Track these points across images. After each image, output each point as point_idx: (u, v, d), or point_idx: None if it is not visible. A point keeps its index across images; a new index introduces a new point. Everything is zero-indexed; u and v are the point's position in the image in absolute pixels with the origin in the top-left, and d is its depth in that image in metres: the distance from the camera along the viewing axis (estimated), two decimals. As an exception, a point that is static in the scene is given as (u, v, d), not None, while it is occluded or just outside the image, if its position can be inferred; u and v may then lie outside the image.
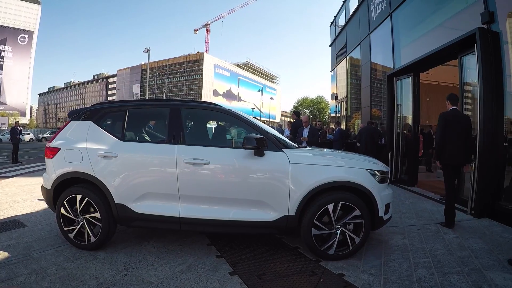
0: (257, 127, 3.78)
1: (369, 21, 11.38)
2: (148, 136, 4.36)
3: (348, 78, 16.05)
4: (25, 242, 3.99)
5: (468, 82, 6.02)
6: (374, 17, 10.82)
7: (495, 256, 3.67)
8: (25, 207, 5.75)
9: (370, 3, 11.09)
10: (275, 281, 3.05)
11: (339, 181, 3.52)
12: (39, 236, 4.23)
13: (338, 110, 18.38)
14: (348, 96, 16.36)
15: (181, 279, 3.11)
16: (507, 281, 3.05)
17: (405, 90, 8.78)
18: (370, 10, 11.17)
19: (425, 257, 3.64)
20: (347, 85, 16.27)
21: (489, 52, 5.07)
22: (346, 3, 15.15)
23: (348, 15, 14.77)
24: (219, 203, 3.56)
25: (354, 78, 15.29)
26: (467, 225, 4.89)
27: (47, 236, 4.23)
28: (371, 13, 11.03)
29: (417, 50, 8.08)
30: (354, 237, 3.55)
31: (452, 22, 6.85)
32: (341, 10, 16.21)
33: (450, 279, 3.10)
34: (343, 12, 15.79)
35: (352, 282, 3.04)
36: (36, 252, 3.68)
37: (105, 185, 3.64)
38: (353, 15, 13.65)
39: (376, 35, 10.94)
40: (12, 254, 3.63)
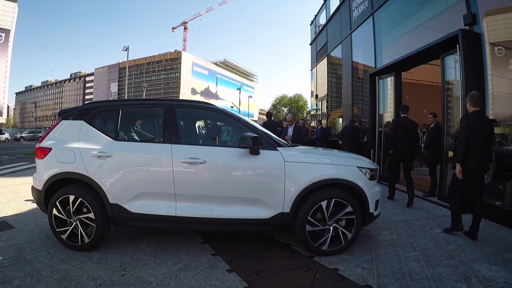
0: (251, 126, 3.81)
1: (350, 20, 11.56)
2: (142, 136, 4.31)
3: (329, 76, 16.25)
4: (15, 244, 3.89)
5: (450, 81, 6.21)
6: (355, 16, 11.01)
7: (480, 249, 3.82)
8: (11, 208, 5.59)
9: (352, 2, 11.28)
10: (272, 277, 3.08)
11: (332, 179, 3.58)
12: (29, 237, 4.12)
13: (319, 108, 18.61)
14: (328, 95, 16.58)
15: (179, 277, 3.09)
16: (493, 272, 3.18)
17: (386, 89, 8.98)
18: (351, 10, 11.36)
19: (413, 251, 3.74)
20: (328, 84, 16.48)
21: (471, 53, 5.26)
22: (326, 3, 15.34)
23: (329, 14, 14.95)
24: (215, 202, 3.56)
25: (335, 77, 15.51)
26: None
27: (37, 237, 4.13)
28: (353, 12, 11.22)
29: (398, 49, 8.29)
30: (346, 233, 3.61)
31: (433, 22, 7.07)
32: (321, 9, 16.39)
33: (439, 271, 3.20)
34: (324, 11, 15.94)
35: (347, 276, 3.10)
36: (28, 254, 3.58)
37: (99, 185, 3.59)
38: (334, 14, 13.83)
39: (358, 35, 11.13)
40: (4, 256, 3.52)
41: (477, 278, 3.07)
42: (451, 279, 3.05)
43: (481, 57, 5.27)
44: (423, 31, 7.46)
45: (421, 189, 7.33)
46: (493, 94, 5.30)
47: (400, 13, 8.51)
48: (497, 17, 5.36)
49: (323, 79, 17.63)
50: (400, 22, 8.58)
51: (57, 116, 4.14)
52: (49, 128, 4.20)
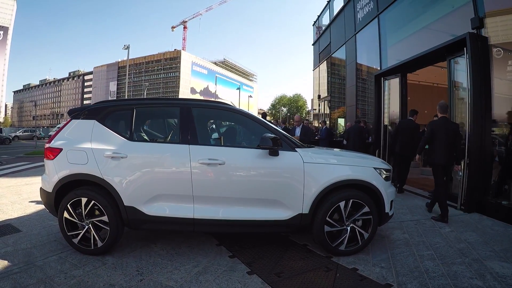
0: (269, 127, 3.82)
1: (355, 21, 11.66)
2: (156, 136, 4.28)
3: (332, 77, 16.35)
4: (23, 248, 3.78)
5: (457, 83, 6.33)
6: (360, 17, 11.10)
7: (491, 247, 3.94)
8: (15, 210, 5.49)
9: (357, 4, 11.37)
10: (294, 278, 3.14)
11: (350, 179, 3.64)
12: (37, 241, 4.02)
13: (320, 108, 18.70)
14: (331, 95, 16.68)
15: (200, 281, 3.09)
16: (505, 269, 3.31)
17: (392, 90, 9.10)
18: (356, 11, 11.45)
19: (427, 250, 3.85)
20: (331, 84, 16.57)
21: (478, 56, 5.37)
22: (330, 3, 15.42)
23: (332, 15, 15.04)
24: (234, 203, 3.56)
25: (338, 77, 15.61)
26: (459, 219, 5.18)
27: (45, 241, 4.03)
28: (357, 13, 11.32)
29: (403, 50, 8.42)
30: (363, 233, 3.70)
31: (438, 24, 7.18)
32: (325, 9, 16.47)
33: (454, 269, 3.32)
34: (327, 11, 16.03)
35: (367, 275, 3.20)
36: (39, 260, 3.48)
37: (114, 187, 3.51)
38: (338, 15, 13.92)
39: (363, 36, 11.23)
40: (13, 262, 3.41)
41: (491, 275, 3.19)
42: (467, 276, 3.17)
43: (488, 60, 5.38)
44: (429, 33, 7.58)
45: (426, 189, 7.45)
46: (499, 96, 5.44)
47: (405, 15, 8.62)
48: (497, 19, 5.52)
49: (325, 80, 17.73)
50: (405, 23, 8.69)
51: (66, 115, 4.11)
52: (59, 127, 4.09)
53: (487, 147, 5.46)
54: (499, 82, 5.42)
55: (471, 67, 5.39)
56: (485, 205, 5.42)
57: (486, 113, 5.41)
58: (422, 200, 6.58)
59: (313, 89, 20.94)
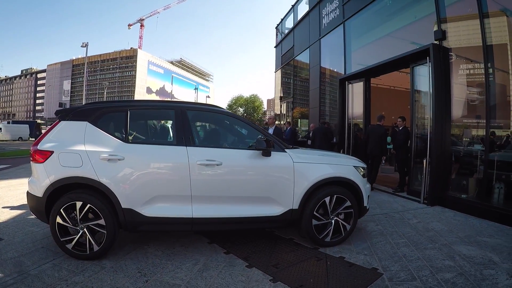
0: (259, 129, 4.07)
1: (320, 26, 12.13)
2: (152, 138, 4.29)
3: (295, 79, 16.83)
4: (10, 258, 3.57)
5: (418, 89, 6.93)
6: (325, 23, 11.59)
7: (455, 234, 4.42)
8: None
9: (322, 9, 11.85)
10: (290, 268, 3.36)
11: (334, 177, 3.97)
12: (23, 249, 3.81)
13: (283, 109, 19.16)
14: (293, 96, 17.17)
15: (205, 277, 3.18)
16: (471, 251, 3.77)
17: (355, 93, 9.67)
18: (321, 16, 11.93)
19: (401, 238, 4.24)
20: (293, 86, 17.05)
21: (440, 65, 5.96)
22: (294, 7, 15.84)
23: (296, 19, 15.49)
24: (230, 202, 3.70)
25: (301, 79, 16.11)
26: (424, 212, 5.69)
27: (32, 249, 3.84)
28: (323, 19, 11.80)
29: (367, 56, 9.02)
30: (346, 225, 4.01)
31: (401, 32, 7.80)
32: (289, 13, 16.91)
33: (427, 253, 3.72)
34: (291, 15, 16.48)
35: (354, 262, 3.50)
36: (31, 268, 3.31)
37: (111, 189, 3.46)
38: (303, 19, 14.37)
39: (327, 40, 11.73)
40: (4, 273, 3.22)
41: (459, 256, 3.63)
42: (439, 258, 3.58)
43: (448, 68, 5.99)
44: (391, 40, 8.22)
45: (390, 186, 8.02)
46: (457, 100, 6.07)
47: (370, 23, 9.19)
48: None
49: (288, 81, 18.23)
50: (370, 30, 9.26)
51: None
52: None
53: (446, 146, 6.06)
54: (457, 87, 6.04)
55: (433, 74, 5.96)
56: (446, 198, 6.00)
57: (446, 116, 6.00)
58: (387, 196, 7.10)
59: (275, 90, 21.39)
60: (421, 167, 6.50)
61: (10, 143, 33.46)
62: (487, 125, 5.42)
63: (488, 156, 5.36)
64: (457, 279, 3.08)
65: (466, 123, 6.17)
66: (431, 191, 6.10)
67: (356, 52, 9.97)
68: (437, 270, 3.27)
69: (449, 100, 6.00)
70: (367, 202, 4.26)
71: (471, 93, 5.99)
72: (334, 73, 11.73)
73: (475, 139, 5.98)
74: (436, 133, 6.00)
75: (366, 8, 9.00)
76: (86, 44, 27.97)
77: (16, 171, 11.24)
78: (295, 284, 3.00)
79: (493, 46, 5.42)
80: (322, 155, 4.39)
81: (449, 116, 6.03)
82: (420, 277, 3.10)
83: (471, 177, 5.87)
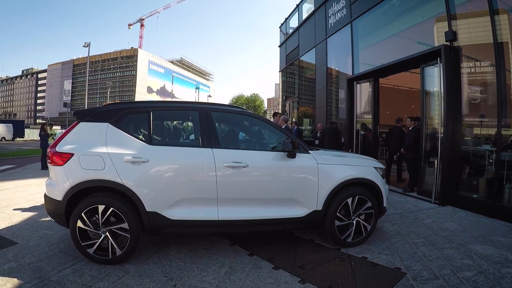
0: (282, 130, 4.14)
1: (326, 26, 12.20)
2: (176, 139, 4.31)
3: (300, 79, 16.89)
4: (28, 263, 3.49)
5: (428, 89, 7.04)
6: (332, 23, 11.66)
7: (470, 234, 4.56)
8: (0, 220, 5.13)
9: (328, 9, 11.91)
10: (316, 269, 3.45)
11: (357, 178, 4.06)
12: (40, 254, 3.74)
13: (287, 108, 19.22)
14: (299, 96, 17.24)
15: (233, 280, 3.19)
16: (487, 250, 3.91)
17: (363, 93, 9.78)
18: (327, 16, 12.00)
19: (418, 238, 4.37)
20: (299, 85, 17.12)
21: (451, 65, 6.06)
22: (299, 7, 15.88)
23: (301, 18, 15.54)
24: (256, 204, 3.74)
25: (307, 79, 16.17)
26: (436, 212, 5.82)
27: (50, 253, 3.77)
28: (329, 19, 11.87)
29: (376, 56, 9.14)
30: (366, 225, 4.12)
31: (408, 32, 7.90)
32: (293, 12, 16.94)
33: (446, 252, 3.85)
34: (295, 14, 16.53)
35: (377, 262, 3.61)
36: (52, 274, 3.24)
37: (135, 192, 3.42)
38: (308, 19, 14.42)
39: (334, 40, 11.80)
40: (23, 279, 3.13)
41: (476, 255, 3.76)
42: (458, 257, 3.71)
43: (459, 69, 6.11)
44: (399, 40, 8.31)
45: (399, 186, 8.14)
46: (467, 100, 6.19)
47: (378, 22, 9.29)
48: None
49: (293, 81, 18.29)
50: (377, 30, 9.37)
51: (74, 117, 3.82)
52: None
53: (457, 146, 6.18)
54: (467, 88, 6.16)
55: (445, 75, 6.07)
56: (456, 198, 6.13)
57: (457, 116, 6.12)
58: (398, 196, 7.20)
59: (280, 89, 21.46)
60: (431, 167, 6.63)
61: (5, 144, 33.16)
62: (498, 125, 5.54)
63: (499, 156, 5.47)
64: (478, 277, 3.21)
65: (477, 123, 6.28)
66: (442, 191, 6.23)
67: (363, 52, 10.06)
68: (457, 269, 3.41)
69: (460, 101, 6.11)
70: (386, 203, 4.37)
71: (481, 93, 6.11)
72: (341, 73, 11.80)
73: (486, 139, 6.09)
74: (447, 133, 6.12)
75: (373, 8, 9.07)
76: (88, 44, 27.87)
77: (21, 171, 11.32)
78: (324, 285, 3.09)
79: (503, 44, 5.48)
80: (343, 156, 4.47)
81: (460, 116, 6.15)
82: (443, 276, 3.24)
83: (482, 177, 5.99)
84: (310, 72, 15.13)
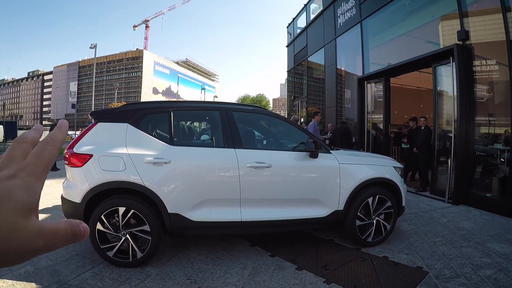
0: (303, 130, 4.20)
1: (335, 25, 12.26)
2: (197, 140, 4.34)
3: (309, 78, 16.93)
4: (45, 266, 3.43)
5: (440, 89, 7.09)
6: (341, 22, 11.72)
7: (486, 233, 4.63)
8: None
9: (337, 9, 11.97)
10: (339, 269, 3.51)
11: (377, 178, 4.12)
12: (57, 257, 3.67)
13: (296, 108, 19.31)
14: (308, 96, 17.31)
15: (257, 282, 3.20)
16: (505, 249, 4.00)
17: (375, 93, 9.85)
18: (336, 16, 12.06)
19: (436, 237, 4.45)
20: (307, 85, 17.18)
21: (464, 65, 6.12)
22: (307, 6, 15.93)
23: (309, 18, 15.60)
24: (278, 204, 3.75)
25: (315, 79, 16.23)
26: (451, 211, 5.89)
27: (67, 256, 3.72)
28: (338, 18, 11.93)
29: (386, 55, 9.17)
30: (386, 225, 4.20)
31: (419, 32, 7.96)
32: (301, 12, 17.00)
33: (465, 251, 3.94)
34: (303, 14, 16.58)
35: (398, 261, 3.70)
36: (71, 278, 3.18)
37: (157, 194, 3.38)
38: (316, 19, 14.48)
39: (343, 40, 11.87)
40: (41, 284, 3.07)
41: (495, 253, 3.85)
42: (477, 255, 3.80)
43: (471, 67, 6.16)
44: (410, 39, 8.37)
45: (411, 186, 8.19)
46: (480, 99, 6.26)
47: (388, 22, 9.34)
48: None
49: (301, 80, 18.36)
50: (387, 29, 9.42)
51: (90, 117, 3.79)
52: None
53: (471, 146, 6.24)
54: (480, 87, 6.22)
55: (457, 75, 6.14)
56: (470, 197, 6.19)
57: (470, 115, 6.18)
58: (412, 196, 7.22)
59: (287, 90, 21.54)
60: (444, 166, 6.69)
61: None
62: (511, 124, 5.58)
63: (512, 155, 5.53)
64: (498, 275, 3.30)
65: (489, 122, 6.33)
66: (456, 190, 6.29)
67: (373, 51, 10.12)
68: (478, 267, 3.49)
69: (472, 100, 6.17)
70: (404, 202, 4.43)
71: (494, 91, 6.15)
72: (351, 73, 11.86)
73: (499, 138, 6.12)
74: (461, 132, 6.18)
75: (383, 8, 9.12)
76: (94, 45, 28.10)
77: None
78: (349, 285, 3.14)
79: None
80: (364, 156, 4.55)
81: (473, 115, 6.20)
82: (464, 274, 3.33)
83: (495, 176, 6.04)
84: (318, 72, 15.19)
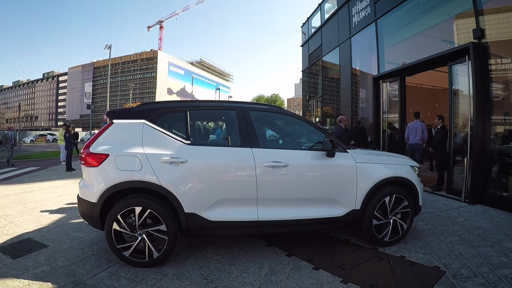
0: (320, 129, 4.23)
1: (350, 25, 12.24)
2: (214, 139, 4.37)
3: (324, 78, 16.92)
4: (61, 266, 3.47)
5: (456, 87, 7.06)
6: (356, 21, 11.69)
7: (503, 232, 4.63)
8: (29, 222, 5.16)
9: (352, 8, 11.94)
10: (356, 269, 3.51)
11: (394, 177, 4.12)
12: (73, 257, 3.73)
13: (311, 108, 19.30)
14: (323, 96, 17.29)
15: (274, 281, 3.20)
16: (522, 249, 4.00)
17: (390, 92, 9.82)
18: (351, 15, 12.04)
19: (452, 237, 4.47)
20: (322, 85, 17.16)
21: (479, 63, 6.09)
22: (321, 6, 15.92)
23: (323, 18, 15.59)
24: (295, 204, 3.75)
25: (330, 78, 16.19)
26: (467, 210, 5.87)
27: (82, 256, 3.77)
28: (353, 17, 11.91)
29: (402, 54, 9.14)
30: (403, 224, 4.22)
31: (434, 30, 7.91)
32: (315, 12, 16.98)
33: (482, 250, 3.95)
34: (318, 13, 16.56)
35: (415, 261, 3.74)
36: (87, 278, 3.20)
37: (173, 193, 3.40)
38: (331, 18, 14.46)
39: (358, 39, 11.84)
40: (58, 284, 3.08)
41: None
42: (494, 255, 3.81)
43: (487, 66, 6.11)
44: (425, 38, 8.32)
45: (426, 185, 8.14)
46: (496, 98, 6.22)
47: (403, 20, 9.29)
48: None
49: (316, 80, 18.34)
50: (402, 28, 9.38)
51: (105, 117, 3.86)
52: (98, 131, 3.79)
53: (487, 145, 6.19)
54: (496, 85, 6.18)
55: (473, 73, 6.10)
56: (487, 197, 6.15)
57: (486, 114, 6.14)
58: (427, 195, 7.19)
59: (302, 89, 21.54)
60: (460, 165, 6.66)
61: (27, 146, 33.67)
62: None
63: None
64: (516, 274, 3.32)
65: (506, 120, 6.27)
66: (472, 189, 6.25)
67: (388, 50, 10.07)
68: (495, 266, 3.52)
69: (489, 98, 6.11)
70: (421, 201, 4.44)
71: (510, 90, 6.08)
72: (365, 72, 11.83)
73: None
74: (477, 131, 6.13)
75: (398, 6, 9.08)
76: (109, 46, 28.29)
77: (46, 173, 11.68)
78: (366, 285, 3.16)
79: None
80: (380, 155, 4.56)
81: (489, 114, 6.14)
82: (481, 274, 3.36)
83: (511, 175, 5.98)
84: (333, 71, 15.16)
